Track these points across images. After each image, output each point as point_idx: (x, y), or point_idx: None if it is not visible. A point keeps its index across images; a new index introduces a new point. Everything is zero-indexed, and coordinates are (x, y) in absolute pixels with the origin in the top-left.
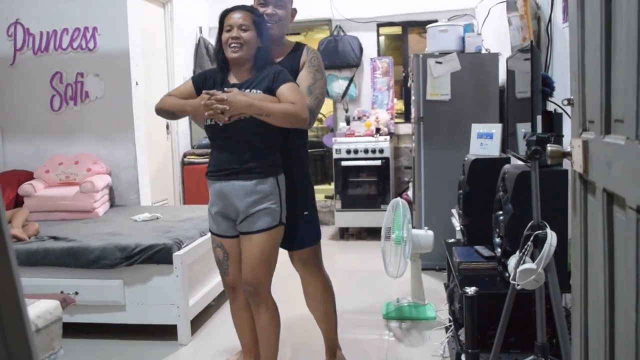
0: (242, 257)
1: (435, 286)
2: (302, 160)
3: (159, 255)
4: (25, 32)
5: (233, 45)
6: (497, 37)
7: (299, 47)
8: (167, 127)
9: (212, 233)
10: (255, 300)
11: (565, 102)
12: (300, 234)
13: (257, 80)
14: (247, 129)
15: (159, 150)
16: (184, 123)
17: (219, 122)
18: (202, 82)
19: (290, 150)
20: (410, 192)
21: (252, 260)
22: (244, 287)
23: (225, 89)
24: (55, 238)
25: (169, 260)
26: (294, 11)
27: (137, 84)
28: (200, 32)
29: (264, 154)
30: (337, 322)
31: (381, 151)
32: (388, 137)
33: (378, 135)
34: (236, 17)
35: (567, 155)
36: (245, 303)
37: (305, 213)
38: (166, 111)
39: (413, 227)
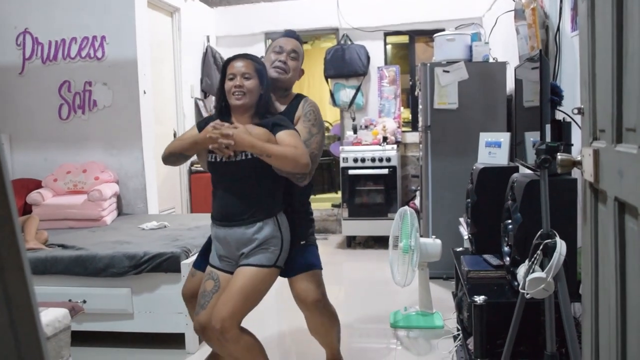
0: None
1: (442, 295)
2: (301, 195)
3: (167, 264)
4: (34, 42)
5: (236, 93)
6: (505, 46)
7: (299, 98)
8: (175, 135)
9: (211, 265)
10: (220, 340)
11: (576, 111)
12: (295, 261)
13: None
14: (248, 169)
15: None
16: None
17: (223, 158)
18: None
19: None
20: (417, 201)
21: (229, 291)
22: (209, 326)
23: (236, 123)
24: (63, 246)
25: (176, 269)
26: (302, 71)
27: (144, 92)
28: (208, 40)
29: (266, 197)
30: (341, 336)
31: (388, 160)
32: (395, 146)
33: (385, 143)
34: (239, 65)
35: (578, 164)
36: None
37: (302, 243)
38: (174, 154)
39: (421, 236)
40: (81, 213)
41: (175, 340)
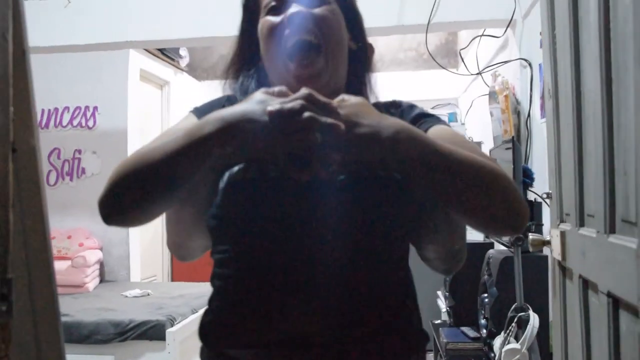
0: None
1: None
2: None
3: (152, 332)
4: None
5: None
6: (480, 127)
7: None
8: None
9: None
10: None
11: (545, 196)
12: None
13: None
14: (357, 204)
15: (150, 226)
16: None
17: (302, 177)
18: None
19: None
20: None
21: None
22: None
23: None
24: None
25: (161, 337)
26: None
27: None
28: None
29: (400, 284)
30: None
31: None
32: None
33: None
34: None
35: (547, 243)
36: None
37: None
38: (143, 176)
39: None
40: (64, 279)
41: None
